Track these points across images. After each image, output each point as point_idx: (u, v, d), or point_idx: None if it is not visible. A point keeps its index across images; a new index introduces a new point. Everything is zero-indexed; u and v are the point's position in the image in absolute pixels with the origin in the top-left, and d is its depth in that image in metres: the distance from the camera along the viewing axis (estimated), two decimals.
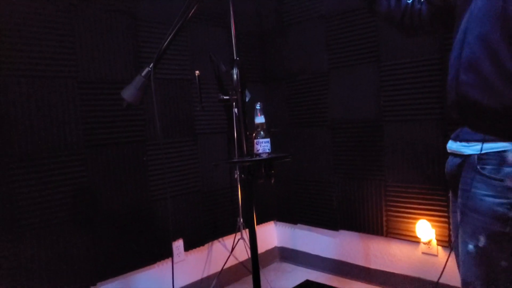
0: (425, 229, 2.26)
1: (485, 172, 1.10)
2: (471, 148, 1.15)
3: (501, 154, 1.08)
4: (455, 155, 1.24)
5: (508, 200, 1.06)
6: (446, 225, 2.19)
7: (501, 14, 1.05)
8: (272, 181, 1.59)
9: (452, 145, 1.26)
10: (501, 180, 1.07)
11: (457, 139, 1.23)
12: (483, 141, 1.12)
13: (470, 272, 1.16)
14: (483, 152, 1.11)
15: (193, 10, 1.43)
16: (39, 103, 1.88)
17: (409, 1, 1.39)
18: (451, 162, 1.27)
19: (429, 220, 2.26)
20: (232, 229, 2.73)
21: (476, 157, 1.13)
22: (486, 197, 1.09)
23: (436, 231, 2.24)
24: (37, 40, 1.88)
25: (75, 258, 1.99)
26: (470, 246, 1.13)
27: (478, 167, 1.12)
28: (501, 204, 1.07)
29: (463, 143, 1.19)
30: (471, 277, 1.15)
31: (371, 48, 2.40)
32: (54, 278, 1.91)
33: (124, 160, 2.18)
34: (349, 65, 2.52)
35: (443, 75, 2.12)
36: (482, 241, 1.10)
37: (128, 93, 1.58)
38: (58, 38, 1.94)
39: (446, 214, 2.18)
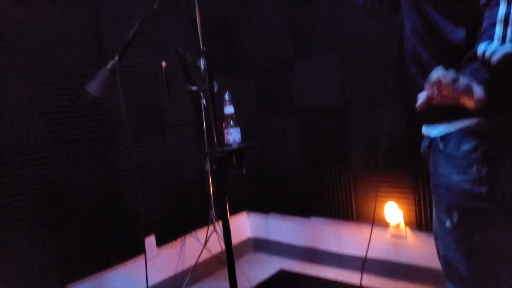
0: (394, 211, 2.33)
1: (447, 150, 1.13)
2: (436, 130, 1.19)
3: (460, 131, 1.11)
4: (425, 137, 1.28)
5: (470, 177, 1.08)
6: (413, 206, 2.26)
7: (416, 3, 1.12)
8: (244, 171, 1.59)
9: (423, 128, 1.30)
10: (461, 157, 1.09)
11: (425, 122, 1.27)
12: (443, 122, 1.15)
13: (450, 248, 1.17)
14: (444, 133, 1.15)
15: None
16: None
17: None
18: (423, 144, 1.31)
19: (397, 202, 2.32)
20: (204, 222, 2.71)
21: (439, 137, 1.17)
22: (451, 175, 1.12)
23: (403, 213, 2.31)
24: None
25: (42, 260, 1.92)
26: (447, 223, 1.15)
27: (441, 146, 1.15)
28: (465, 181, 1.09)
29: (430, 125, 1.23)
30: (451, 253, 1.17)
31: (334, 36, 2.43)
32: (19, 283, 1.84)
33: (92, 156, 2.12)
34: (313, 53, 2.55)
35: (401, 60, 2.17)
36: (455, 217, 1.12)
37: (93, 86, 1.54)
38: (14, 31, 1.86)
39: (412, 196, 2.26)
